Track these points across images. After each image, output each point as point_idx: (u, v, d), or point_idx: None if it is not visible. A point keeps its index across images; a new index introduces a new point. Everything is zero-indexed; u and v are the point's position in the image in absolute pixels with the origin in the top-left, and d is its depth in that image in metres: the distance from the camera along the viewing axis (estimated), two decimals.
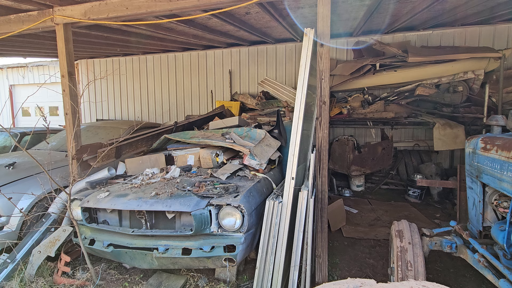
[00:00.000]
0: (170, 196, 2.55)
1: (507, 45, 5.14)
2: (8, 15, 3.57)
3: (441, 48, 5.20)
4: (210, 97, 6.99)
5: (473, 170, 2.40)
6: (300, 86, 2.62)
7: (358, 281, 0.95)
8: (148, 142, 4.24)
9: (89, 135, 4.79)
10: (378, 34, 5.61)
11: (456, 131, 4.60)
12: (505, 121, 2.92)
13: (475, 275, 2.75)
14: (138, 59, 7.45)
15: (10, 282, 2.67)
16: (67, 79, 3.41)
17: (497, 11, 4.35)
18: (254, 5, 3.40)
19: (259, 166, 3.18)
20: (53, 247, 2.81)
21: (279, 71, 6.45)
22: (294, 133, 2.58)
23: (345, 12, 4.30)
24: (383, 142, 5.53)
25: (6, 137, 5.35)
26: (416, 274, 2.07)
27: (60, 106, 8.83)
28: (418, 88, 4.99)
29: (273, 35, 5.74)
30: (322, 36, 2.54)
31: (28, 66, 8.88)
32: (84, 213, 2.76)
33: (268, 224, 2.44)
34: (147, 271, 2.96)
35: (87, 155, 3.42)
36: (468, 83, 4.91)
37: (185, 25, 4.42)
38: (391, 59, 5.12)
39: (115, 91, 7.82)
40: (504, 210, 2.00)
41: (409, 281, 0.92)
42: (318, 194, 2.65)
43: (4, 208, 3.06)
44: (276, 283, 2.35)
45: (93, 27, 4.16)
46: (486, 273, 2.01)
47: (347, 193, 5.36)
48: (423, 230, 2.49)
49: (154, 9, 3.08)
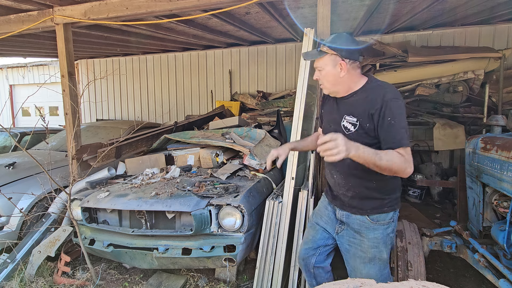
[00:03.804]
0: (170, 196, 2.55)
1: (507, 45, 5.13)
2: (8, 15, 3.56)
3: (441, 48, 5.20)
4: (210, 97, 6.99)
5: (473, 170, 2.40)
6: (300, 86, 2.62)
7: (358, 281, 0.95)
8: (148, 142, 4.24)
9: (89, 135, 4.79)
10: (378, 34, 5.61)
11: (456, 131, 4.60)
12: (505, 121, 2.92)
13: (475, 275, 2.74)
14: (138, 59, 7.45)
15: (10, 282, 2.67)
16: (67, 79, 3.41)
17: (497, 11, 4.34)
18: (254, 5, 3.40)
19: (259, 166, 3.18)
20: (53, 247, 2.81)
21: (279, 71, 6.45)
22: (294, 133, 2.58)
23: (345, 12, 4.30)
24: None
25: (6, 137, 5.35)
26: (416, 274, 2.08)
27: (60, 106, 8.83)
28: (418, 88, 4.98)
29: (273, 35, 5.74)
30: (322, 36, 2.54)
31: (28, 66, 8.88)
32: (84, 213, 2.76)
33: (268, 224, 2.44)
34: (147, 271, 2.96)
35: (87, 155, 3.42)
36: (468, 83, 4.90)
37: (185, 25, 4.42)
38: (391, 59, 5.11)
39: (115, 91, 7.82)
40: (504, 210, 2.00)
41: (409, 281, 0.92)
42: (318, 194, 2.65)
43: (4, 208, 3.06)
44: (276, 283, 2.35)
45: (93, 27, 4.16)
46: (486, 273, 2.01)
47: None
48: (423, 230, 2.49)
49: (154, 9, 3.08)
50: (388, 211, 1.68)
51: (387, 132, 1.46)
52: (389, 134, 1.46)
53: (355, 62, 1.59)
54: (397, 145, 1.43)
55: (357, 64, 1.60)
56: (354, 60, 1.58)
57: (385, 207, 1.67)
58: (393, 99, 1.48)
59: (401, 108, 1.48)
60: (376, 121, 1.49)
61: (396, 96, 1.50)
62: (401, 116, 1.47)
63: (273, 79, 6.51)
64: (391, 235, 1.72)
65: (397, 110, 1.46)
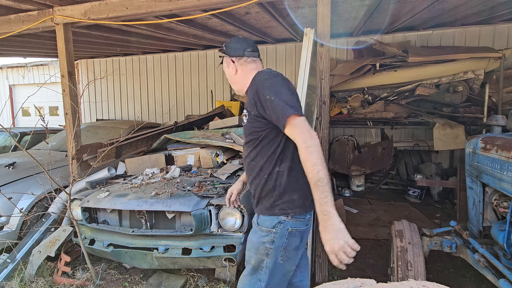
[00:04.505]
0: (170, 196, 2.55)
1: (507, 45, 5.13)
2: (8, 15, 3.56)
3: (441, 48, 5.20)
4: (210, 97, 6.99)
5: (473, 170, 2.40)
6: (300, 86, 2.62)
7: (358, 281, 0.95)
8: (148, 142, 4.24)
9: (89, 135, 4.79)
10: (378, 34, 5.61)
11: (456, 131, 4.60)
12: (505, 121, 2.92)
13: (475, 275, 2.74)
14: (138, 59, 7.45)
15: (10, 282, 2.67)
16: (67, 79, 3.41)
17: (497, 11, 4.34)
18: (254, 5, 3.41)
19: None
20: (53, 247, 2.81)
21: (279, 71, 6.43)
22: None
23: (345, 12, 4.30)
24: (383, 142, 5.53)
25: (6, 137, 5.35)
26: (416, 274, 2.07)
27: (60, 106, 8.83)
28: (418, 88, 4.98)
29: (273, 35, 5.74)
30: (322, 36, 2.54)
31: (28, 66, 8.88)
32: (84, 213, 2.76)
33: None
34: (147, 271, 2.96)
35: (87, 155, 3.42)
36: (468, 83, 4.90)
37: (185, 25, 4.42)
38: (391, 59, 5.12)
39: (115, 91, 7.82)
40: (504, 210, 2.00)
41: (409, 281, 0.92)
42: None
43: (4, 208, 3.06)
44: None
45: (93, 27, 4.16)
46: (486, 273, 2.01)
47: (347, 193, 5.36)
48: (423, 230, 2.49)
49: (154, 9, 3.08)
50: (274, 215, 1.50)
51: (271, 109, 1.41)
52: (274, 110, 1.40)
53: (242, 58, 1.64)
54: (284, 118, 1.36)
55: (244, 59, 1.64)
56: (240, 57, 1.64)
57: (275, 209, 1.51)
58: (265, 79, 1.48)
59: (276, 83, 1.46)
60: (259, 105, 1.46)
61: (268, 76, 1.50)
62: (278, 90, 1.42)
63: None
64: (267, 245, 1.50)
65: (273, 86, 1.44)
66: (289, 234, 1.49)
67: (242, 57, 1.65)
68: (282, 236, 1.49)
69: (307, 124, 1.37)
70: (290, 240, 1.50)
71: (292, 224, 1.50)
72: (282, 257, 1.51)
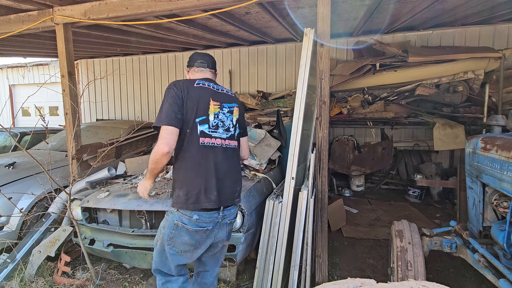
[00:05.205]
0: (170, 196, 2.55)
1: (507, 45, 5.13)
2: (8, 15, 3.56)
3: (441, 48, 5.20)
4: None
5: (473, 170, 2.40)
6: (300, 86, 2.62)
7: (358, 281, 0.95)
8: (148, 142, 4.24)
9: (89, 135, 4.79)
10: (378, 34, 5.61)
11: (456, 131, 4.60)
12: (505, 121, 2.91)
13: (475, 275, 2.75)
14: (138, 59, 7.45)
15: (10, 282, 2.67)
16: (67, 79, 3.41)
17: (497, 11, 4.35)
18: (254, 5, 3.40)
19: (259, 166, 3.18)
20: (53, 247, 2.81)
21: (279, 71, 6.45)
22: (294, 133, 2.57)
23: (345, 12, 4.30)
24: (383, 142, 5.53)
25: (6, 137, 5.35)
26: (416, 274, 2.07)
27: (60, 106, 8.83)
28: (418, 88, 4.98)
29: (273, 35, 5.74)
30: (322, 36, 2.54)
31: (28, 66, 8.88)
32: (84, 213, 2.76)
33: (268, 224, 2.44)
34: (147, 271, 2.96)
35: (87, 155, 3.43)
36: (468, 83, 4.90)
37: (185, 25, 4.42)
38: (391, 59, 5.12)
39: (115, 91, 7.82)
40: (504, 210, 2.00)
41: (409, 281, 0.92)
42: (318, 194, 2.65)
43: (4, 208, 3.06)
44: (276, 283, 2.35)
45: (93, 27, 4.16)
46: (486, 273, 2.01)
47: (347, 193, 5.37)
48: (423, 230, 2.48)
49: (154, 9, 3.08)
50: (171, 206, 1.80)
51: None
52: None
53: (188, 68, 1.97)
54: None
55: (191, 69, 1.95)
56: (189, 67, 1.96)
57: (172, 200, 1.80)
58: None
59: (166, 93, 1.73)
60: None
61: (168, 86, 1.76)
62: (164, 100, 1.73)
63: (273, 79, 6.51)
64: (163, 230, 1.81)
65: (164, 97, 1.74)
66: (175, 226, 1.75)
67: (190, 67, 1.97)
68: (170, 226, 1.78)
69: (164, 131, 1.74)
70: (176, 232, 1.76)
71: (178, 218, 1.74)
72: (169, 246, 1.77)
